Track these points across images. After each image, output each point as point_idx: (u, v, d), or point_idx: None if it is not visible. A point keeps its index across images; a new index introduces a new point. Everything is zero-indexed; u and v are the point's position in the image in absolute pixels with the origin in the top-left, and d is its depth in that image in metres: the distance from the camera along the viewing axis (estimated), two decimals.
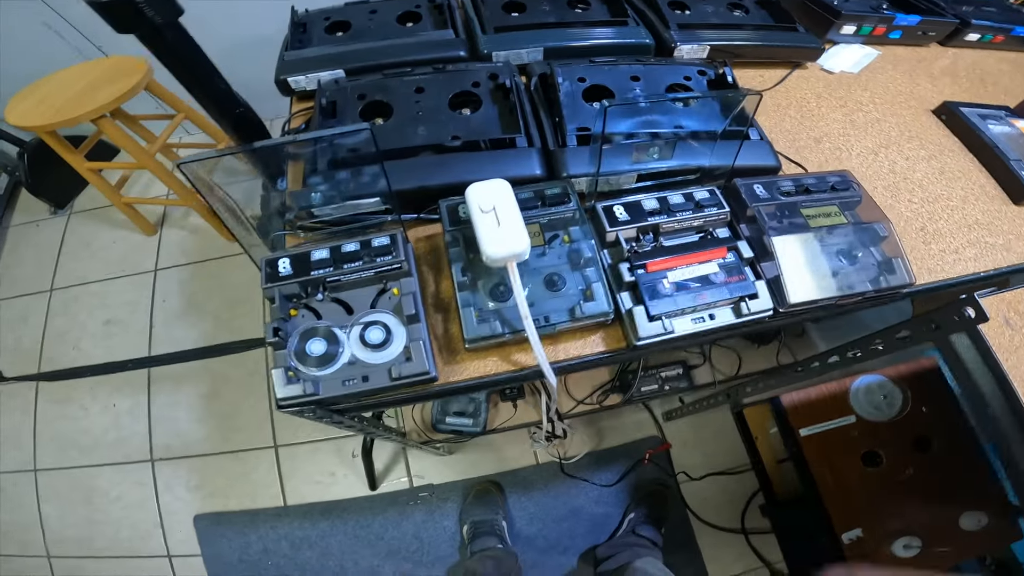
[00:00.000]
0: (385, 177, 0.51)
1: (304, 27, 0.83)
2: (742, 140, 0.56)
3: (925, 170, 0.72)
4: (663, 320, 0.50)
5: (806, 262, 0.53)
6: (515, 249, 0.48)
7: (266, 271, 0.52)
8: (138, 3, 0.48)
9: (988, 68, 0.95)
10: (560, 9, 0.83)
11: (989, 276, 0.62)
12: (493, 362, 0.53)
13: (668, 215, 0.54)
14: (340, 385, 0.48)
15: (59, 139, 1.44)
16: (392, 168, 0.60)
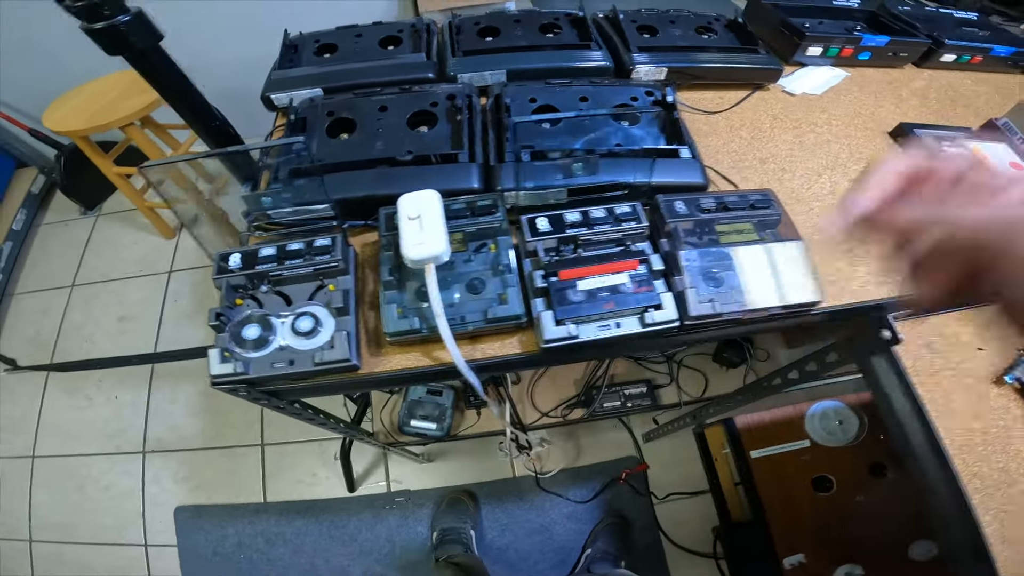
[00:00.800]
0: (322, 184, 0.57)
1: (296, 48, 0.90)
2: (654, 158, 0.59)
3: None
4: (568, 324, 0.53)
5: (714, 277, 0.55)
6: (432, 252, 0.52)
7: (218, 264, 0.58)
8: (122, 30, 0.55)
9: (964, 90, 0.95)
10: (531, 34, 0.88)
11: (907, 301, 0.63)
12: (415, 357, 0.57)
13: (588, 228, 0.58)
14: (269, 367, 0.53)
15: (91, 144, 1.57)
16: (348, 178, 0.66)
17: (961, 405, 0.56)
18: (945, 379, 0.57)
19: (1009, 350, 0.60)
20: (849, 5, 1.01)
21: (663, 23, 0.92)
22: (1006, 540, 0.50)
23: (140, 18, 0.54)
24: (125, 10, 0.53)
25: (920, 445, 0.56)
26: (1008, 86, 0.98)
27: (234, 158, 0.70)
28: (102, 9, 0.52)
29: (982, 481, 0.53)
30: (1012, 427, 0.56)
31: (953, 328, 0.61)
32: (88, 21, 0.53)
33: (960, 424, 0.55)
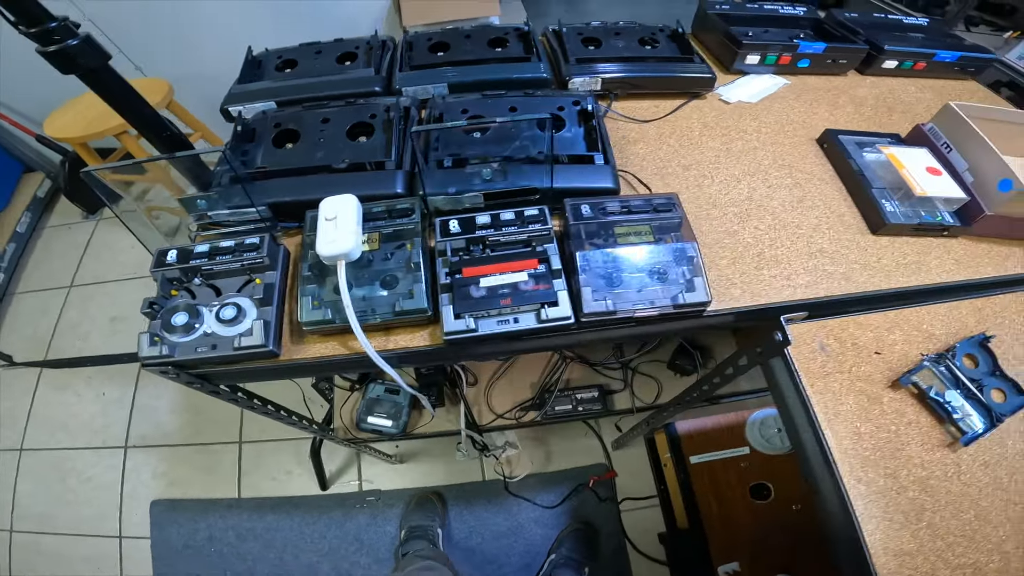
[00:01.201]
0: (245, 191, 0.62)
1: (260, 63, 0.96)
2: (551, 164, 0.63)
3: (784, 198, 0.75)
4: (467, 318, 0.57)
5: (608, 276, 0.59)
6: (342, 249, 0.57)
7: (156, 258, 0.63)
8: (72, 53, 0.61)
9: (904, 96, 0.96)
10: (480, 48, 0.93)
11: (803, 305, 0.65)
12: (332, 346, 0.61)
13: (496, 229, 0.62)
14: (193, 351, 0.58)
15: (89, 150, 1.65)
16: (287, 184, 0.71)
17: (851, 408, 0.57)
18: (836, 382, 0.58)
19: (912, 355, 0.62)
20: (796, 14, 1.04)
21: (608, 35, 0.96)
22: (889, 550, 0.50)
23: (88, 41, 0.60)
24: (74, 35, 0.59)
25: (811, 448, 0.56)
26: (953, 92, 1.00)
27: (189, 165, 0.76)
28: (53, 35, 0.58)
29: (867, 487, 0.52)
30: (904, 432, 0.56)
31: (851, 331, 0.63)
32: (42, 45, 0.59)
33: (848, 428, 0.55)
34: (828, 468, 0.54)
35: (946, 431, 0.56)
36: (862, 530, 0.51)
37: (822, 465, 0.55)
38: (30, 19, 0.56)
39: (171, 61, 1.80)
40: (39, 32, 0.57)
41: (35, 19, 0.56)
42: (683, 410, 0.91)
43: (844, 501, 0.52)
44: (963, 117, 0.75)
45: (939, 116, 0.81)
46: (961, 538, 0.51)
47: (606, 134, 0.73)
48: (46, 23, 0.57)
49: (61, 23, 0.58)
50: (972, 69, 1.03)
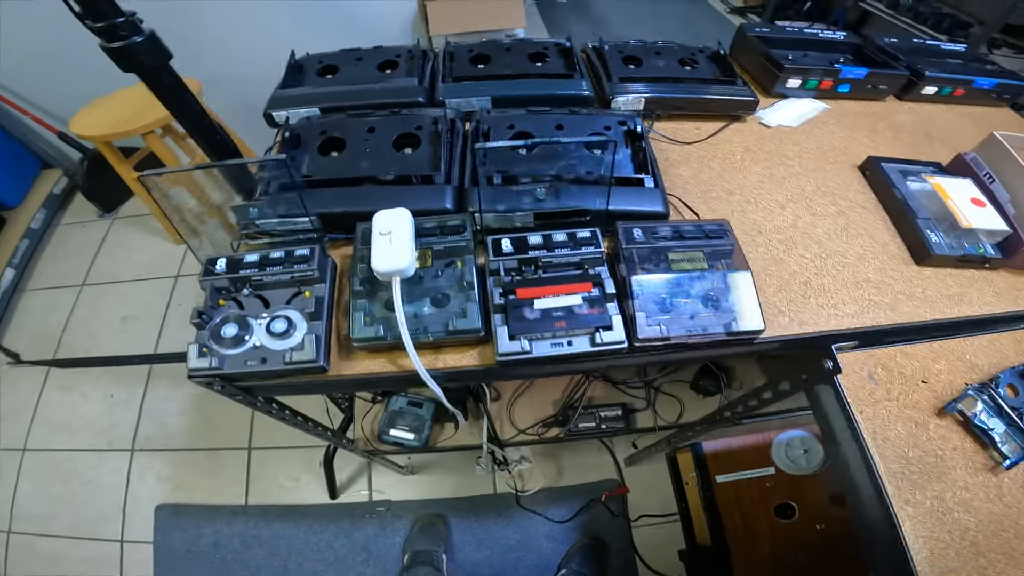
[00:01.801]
0: (301, 199, 0.61)
1: (301, 68, 0.97)
2: (610, 186, 0.63)
3: (828, 226, 0.76)
4: (522, 340, 0.56)
5: (662, 302, 0.59)
6: (398, 265, 0.56)
7: (205, 267, 0.63)
8: (136, 50, 0.61)
9: (943, 123, 0.96)
10: (520, 62, 0.94)
11: (854, 334, 0.65)
12: (381, 363, 0.61)
13: (548, 250, 0.62)
14: (243, 364, 0.57)
15: (113, 150, 1.64)
16: (334, 194, 0.71)
17: (900, 434, 0.58)
18: (885, 409, 0.59)
19: (956, 384, 0.62)
20: (835, 38, 1.04)
21: (648, 54, 0.97)
22: (935, 568, 0.51)
23: (153, 39, 0.60)
24: (140, 32, 0.59)
25: (858, 471, 0.57)
26: (990, 119, 0.99)
27: (233, 171, 0.75)
28: (119, 31, 0.57)
29: (915, 508, 0.54)
30: (949, 456, 0.57)
31: (897, 360, 0.63)
32: (107, 40, 0.58)
33: (896, 452, 0.56)
34: (877, 491, 0.55)
35: (989, 456, 0.58)
36: (910, 549, 0.52)
37: (870, 488, 0.56)
38: (97, 13, 0.56)
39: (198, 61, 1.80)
40: (105, 27, 0.57)
41: (102, 14, 0.56)
42: (710, 430, 0.91)
43: (893, 522, 0.53)
44: (1008, 148, 0.76)
45: (983, 146, 0.81)
46: (1001, 555, 0.53)
47: (653, 156, 0.74)
48: (113, 18, 0.56)
49: (128, 19, 0.58)
50: (1008, 96, 1.02)
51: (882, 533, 0.54)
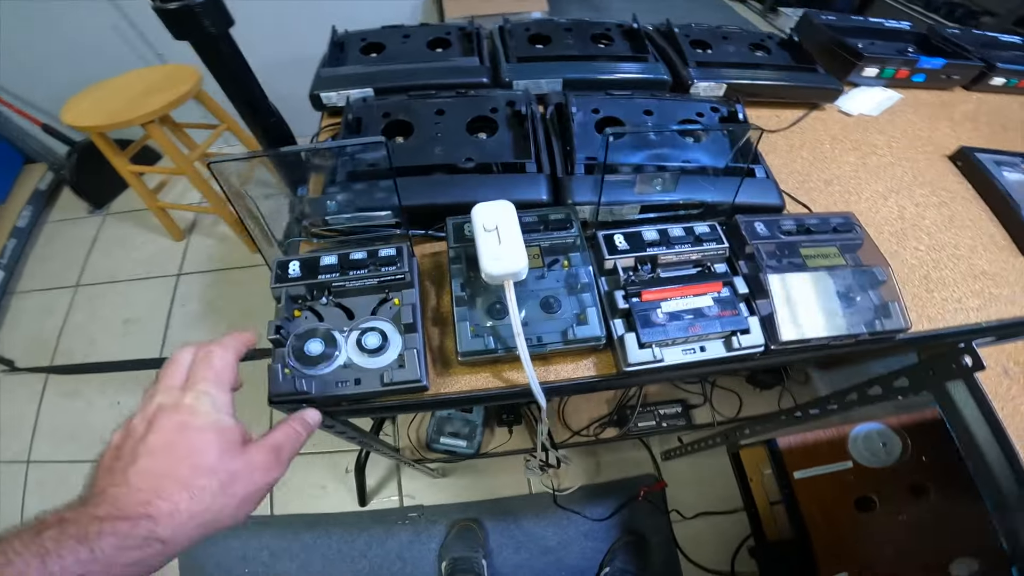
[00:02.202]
0: (396, 192, 0.54)
1: (341, 46, 0.88)
2: (743, 176, 0.57)
3: (934, 217, 0.71)
4: (653, 348, 0.50)
5: (801, 301, 0.53)
6: (513, 268, 0.49)
7: (276, 272, 0.55)
8: (197, 12, 0.52)
9: (1011, 114, 0.94)
10: (583, 43, 0.87)
11: (992, 327, 0.62)
12: (484, 377, 0.54)
13: (667, 247, 0.55)
14: (333, 386, 0.49)
15: (108, 141, 1.52)
16: (406, 184, 0.62)
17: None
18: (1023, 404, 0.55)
19: None
20: (900, 27, 1.01)
21: (716, 39, 0.91)
22: None
23: (215, 1, 0.51)
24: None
25: (999, 468, 0.54)
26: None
27: (286, 158, 0.67)
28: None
29: None
30: None
31: None
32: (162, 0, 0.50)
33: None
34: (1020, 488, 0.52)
35: None
36: None
37: (1013, 483, 0.53)
38: None
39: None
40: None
41: None
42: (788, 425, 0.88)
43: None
44: None
45: None
46: None
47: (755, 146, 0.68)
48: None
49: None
50: None
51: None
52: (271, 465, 0.35)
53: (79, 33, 1.67)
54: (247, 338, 0.41)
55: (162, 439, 0.31)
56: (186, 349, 0.37)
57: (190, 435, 0.32)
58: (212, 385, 0.34)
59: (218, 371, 0.36)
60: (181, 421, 0.32)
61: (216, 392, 0.34)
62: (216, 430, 0.33)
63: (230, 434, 0.33)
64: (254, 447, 0.35)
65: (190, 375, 0.35)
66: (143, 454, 0.31)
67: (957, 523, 0.82)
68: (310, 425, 0.40)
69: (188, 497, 0.29)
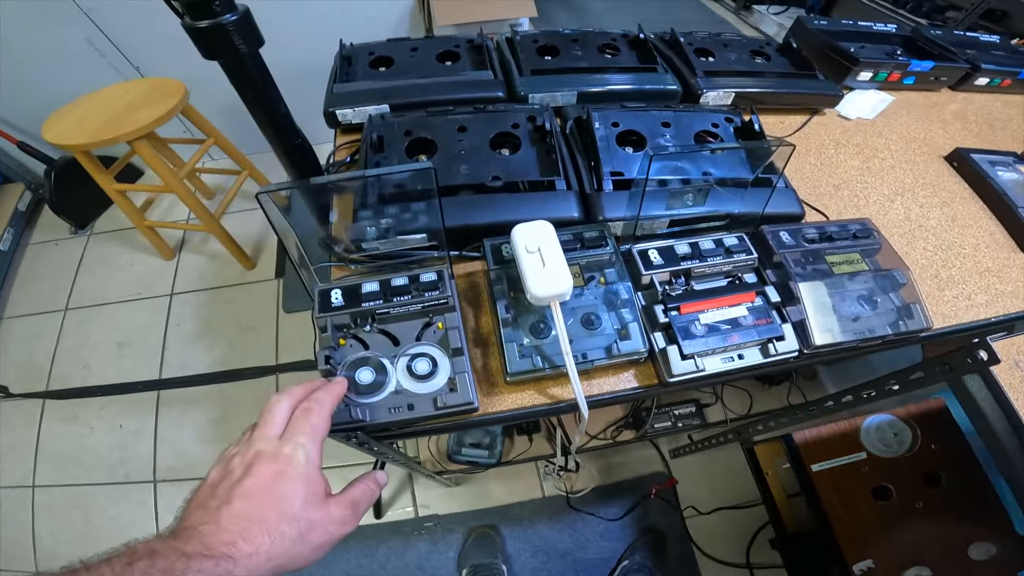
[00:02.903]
0: (440, 215, 0.54)
1: (349, 61, 0.87)
2: (772, 189, 0.59)
3: (939, 217, 0.75)
4: (695, 359, 0.52)
5: (830, 307, 0.55)
6: (559, 289, 0.50)
7: (319, 301, 0.55)
8: (230, 31, 0.51)
9: (996, 113, 0.98)
10: (591, 54, 0.88)
11: (1000, 321, 0.65)
12: (530, 395, 0.55)
13: (700, 260, 0.57)
14: (386, 412, 0.50)
15: (92, 159, 1.47)
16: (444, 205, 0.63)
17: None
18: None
19: None
20: (887, 30, 1.05)
21: (717, 46, 0.93)
22: None
23: (247, 19, 0.50)
24: (234, 8, 0.49)
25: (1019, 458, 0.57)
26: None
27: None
28: (212, 5, 0.48)
29: None
30: None
31: None
32: (193, 17, 0.49)
33: None
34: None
35: None
36: None
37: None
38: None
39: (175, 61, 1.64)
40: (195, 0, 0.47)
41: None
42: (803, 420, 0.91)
43: None
44: None
45: None
46: None
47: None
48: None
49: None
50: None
51: None
52: (347, 519, 0.37)
53: (52, 47, 1.62)
54: (340, 391, 0.43)
55: (258, 484, 0.33)
56: (283, 399, 0.39)
57: (283, 484, 0.34)
58: (308, 439, 0.36)
59: (315, 426, 0.38)
60: (278, 470, 0.34)
61: (311, 446, 0.36)
62: (306, 481, 0.35)
63: (316, 486, 0.35)
64: (334, 501, 0.37)
65: (289, 427, 0.37)
66: (238, 496, 0.32)
67: (971, 509, 0.85)
68: (381, 484, 0.43)
69: (269, 541, 0.31)
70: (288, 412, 0.39)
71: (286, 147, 0.63)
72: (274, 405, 0.38)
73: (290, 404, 0.39)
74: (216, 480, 0.34)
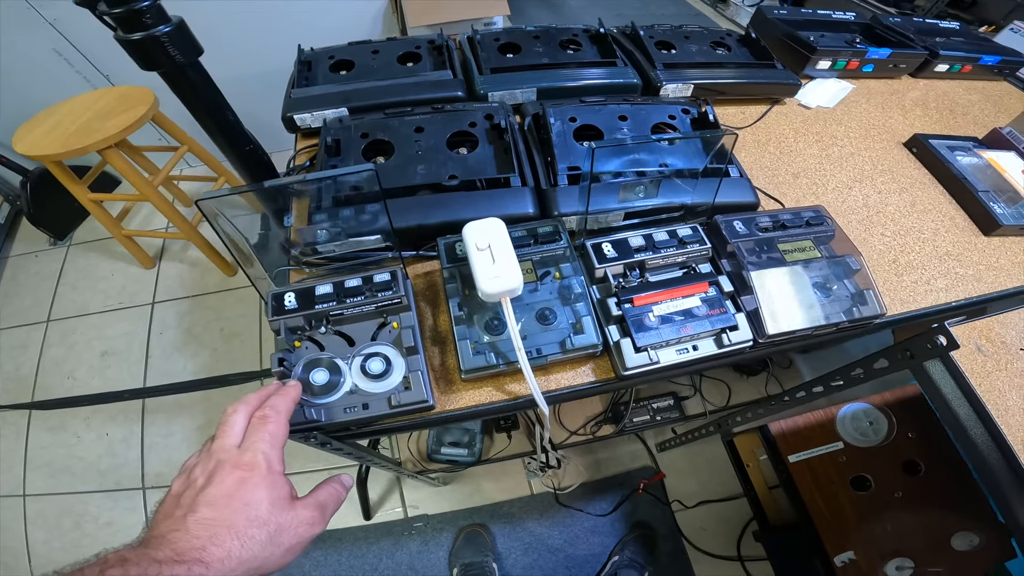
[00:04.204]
0: (387, 215, 0.54)
1: (309, 65, 0.86)
2: (721, 178, 0.60)
3: (897, 203, 0.75)
4: (649, 351, 0.52)
5: (783, 295, 0.56)
6: (509, 285, 0.50)
7: (273, 305, 0.55)
8: (164, 43, 0.51)
9: (957, 99, 0.99)
10: (552, 51, 0.88)
11: (960, 306, 0.65)
12: (487, 391, 0.55)
13: (653, 252, 0.58)
14: (342, 412, 0.50)
15: (65, 169, 1.46)
16: (392, 206, 0.63)
17: (1017, 403, 0.57)
18: (999, 380, 0.59)
19: None
20: (846, 19, 1.05)
21: (678, 39, 0.93)
22: None
23: (181, 30, 0.51)
24: (167, 20, 0.49)
25: (985, 444, 0.57)
26: (995, 93, 1.04)
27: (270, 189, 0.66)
28: (143, 18, 0.48)
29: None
30: None
31: (997, 330, 0.63)
32: (126, 30, 0.49)
33: (1018, 421, 0.56)
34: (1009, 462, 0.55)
35: None
36: None
37: (1000, 460, 0.56)
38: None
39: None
40: (124, 14, 0.47)
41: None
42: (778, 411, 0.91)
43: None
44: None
45: (1019, 120, 0.83)
46: None
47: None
48: (136, 2, 0.47)
49: (154, 3, 0.48)
50: (1007, 71, 1.07)
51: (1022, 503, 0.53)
52: (315, 520, 0.38)
53: (19, 59, 1.61)
54: (294, 395, 0.44)
55: (222, 491, 0.33)
56: (239, 409, 0.40)
57: (247, 489, 0.34)
58: (268, 445, 0.37)
59: (273, 433, 0.38)
60: (241, 477, 0.34)
61: (271, 451, 0.37)
62: (269, 486, 0.35)
63: (281, 490, 0.36)
64: (301, 503, 0.37)
65: (247, 435, 0.38)
66: (203, 504, 0.33)
67: (952, 498, 0.85)
68: (347, 486, 0.44)
69: (239, 545, 0.32)
70: (245, 421, 0.39)
71: (238, 153, 0.63)
72: (230, 415, 0.39)
73: (246, 413, 0.40)
74: (179, 490, 0.35)
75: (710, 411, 1.12)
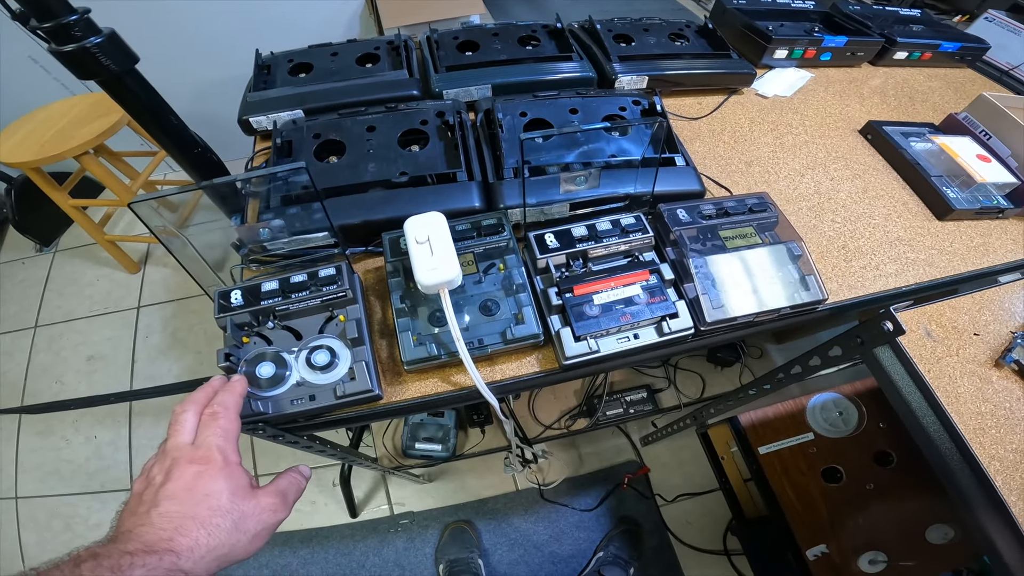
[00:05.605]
0: (325, 212, 0.55)
1: (268, 69, 0.87)
2: (657, 167, 0.60)
3: (849, 190, 0.76)
4: (588, 340, 0.53)
5: (724, 282, 0.56)
6: (446, 276, 0.51)
7: (219, 302, 0.56)
8: (95, 54, 0.52)
9: (918, 86, 1.00)
10: (511, 47, 0.88)
11: (911, 291, 0.66)
12: (434, 383, 0.56)
13: (596, 241, 0.58)
14: (288, 404, 0.51)
15: (44, 176, 1.48)
16: (343, 203, 0.64)
17: (968, 390, 0.57)
18: (949, 366, 0.58)
19: (1003, 333, 0.63)
20: (805, 7, 1.06)
21: (637, 31, 0.94)
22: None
23: (113, 40, 0.52)
24: (97, 31, 0.50)
25: (936, 432, 0.56)
26: (957, 80, 1.04)
27: (221, 189, 0.67)
28: (72, 31, 0.49)
29: (1001, 463, 0.53)
30: (1016, 408, 0.57)
31: (948, 315, 0.63)
32: (57, 43, 0.50)
33: (970, 409, 0.56)
34: (960, 451, 0.55)
35: None
36: (1007, 502, 0.51)
37: (952, 448, 0.56)
38: (43, 11, 0.47)
39: None
40: (54, 28, 0.48)
41: (50, 11, 0.48)
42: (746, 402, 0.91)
43: (985, 479, 0.52)
44: (1001, 107, 0.78)
45: (974, 106, 0.84)
46: None
47: (675, 134, 0.71)
48: (63, 16, 0.48)
49: (81, 16, 0.49)
50: (969, 57, 1.08)
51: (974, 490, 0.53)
52: (278, 507, 0.39)
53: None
54: (241, 390, 0.45)
55: (180, 486, 0.35)
56: (188, 408, 0.41)
57: (205, 482, 0.35)
58: (221, 439, 0.38)
59: (223, 427, 0.39)
60: (197, 471, 0.36)
61: (225, 444, 0.38)
62: (227, 477, 0.36)
63: (239, 480, 0.37)
64: (262, 491, 0.39)
65: (199, 432, 0.39)
66: (164, 498, 0.34)
67: (926, 490, 0.84)
68: (305, 476, 0.45)
69: (206, 534, 0.33)
70: (195, 419, 0.40)
71: (187, 156, 0.64)
72: (180, 415, 0.40)
73: (195, 411, 0.41)
74: (140, 490, 0.36)
75: (684, 403, 1.12)
